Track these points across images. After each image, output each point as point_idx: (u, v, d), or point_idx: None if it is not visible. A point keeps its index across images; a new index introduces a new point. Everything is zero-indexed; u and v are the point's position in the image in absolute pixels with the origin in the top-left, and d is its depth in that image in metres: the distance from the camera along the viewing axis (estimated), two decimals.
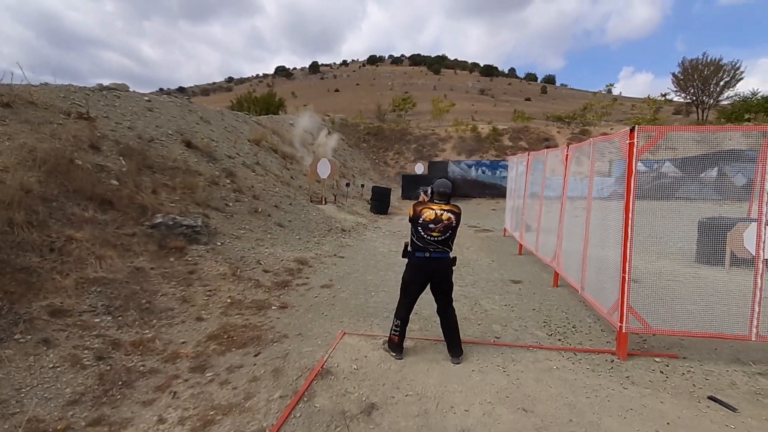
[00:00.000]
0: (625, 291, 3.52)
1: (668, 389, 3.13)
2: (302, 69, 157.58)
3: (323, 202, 11.35)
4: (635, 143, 3.42)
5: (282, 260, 6.48)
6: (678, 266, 6.90)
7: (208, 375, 3.21)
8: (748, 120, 27.02)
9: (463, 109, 51.04)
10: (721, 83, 35.50)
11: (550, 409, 2.83)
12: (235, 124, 13.09)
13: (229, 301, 4.70)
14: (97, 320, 3.73)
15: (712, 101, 36.05)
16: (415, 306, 3.67)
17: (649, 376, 3.33)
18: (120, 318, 3.87)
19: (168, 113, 9.74)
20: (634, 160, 3.43)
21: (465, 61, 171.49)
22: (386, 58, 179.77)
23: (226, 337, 3.85)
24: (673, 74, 38.72)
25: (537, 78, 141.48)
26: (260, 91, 29.94)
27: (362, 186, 16.50)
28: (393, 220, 12.51)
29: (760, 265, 3.35)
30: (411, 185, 18.11)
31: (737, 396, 3.02)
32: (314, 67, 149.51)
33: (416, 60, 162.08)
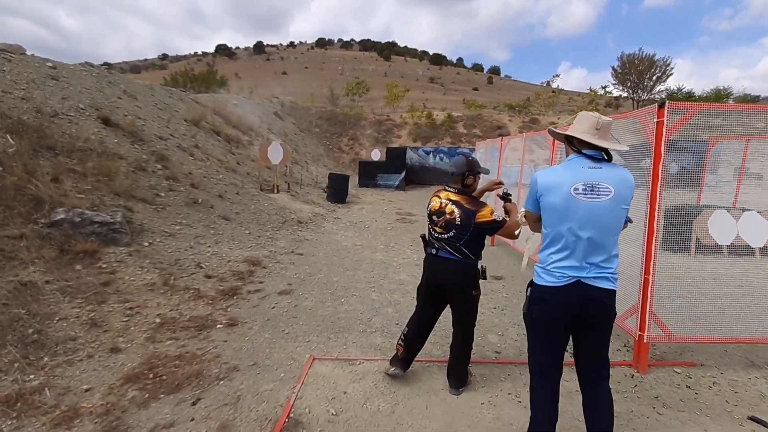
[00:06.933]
0: (648, 295, 3.02)
1: (703, 410, 2.68)
2: (246, 49, 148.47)
3: (275, 191, 10.19)
4: (664, 122, 2.88)
5: (229, 261, 5.42)
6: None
7: None
8: None
9: (414, 96, 50.59)
10: (654, 78, 38.25)
11: None
12: (168, 101, 11.36)
13: (158, 321, 3.63)
14: None
15: (646, 95, 38.74)
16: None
17: (678, 393, 2.88)
18: None
19: (79, 83, 8.01)
20: (662, 143, 2.90)
21: (415, 49, 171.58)
22: (335, 41, 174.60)
23: (151, 376, 2.84)
24: (613, 68, 41.12)
25: (483, 68, 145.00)
26: (199, 69, 27.17)
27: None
28: (352, 210, 11.64)
29: None
30: (368, 172, 17.29)
31: None
32: (259, 48, 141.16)
33: (366, 45, 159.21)
